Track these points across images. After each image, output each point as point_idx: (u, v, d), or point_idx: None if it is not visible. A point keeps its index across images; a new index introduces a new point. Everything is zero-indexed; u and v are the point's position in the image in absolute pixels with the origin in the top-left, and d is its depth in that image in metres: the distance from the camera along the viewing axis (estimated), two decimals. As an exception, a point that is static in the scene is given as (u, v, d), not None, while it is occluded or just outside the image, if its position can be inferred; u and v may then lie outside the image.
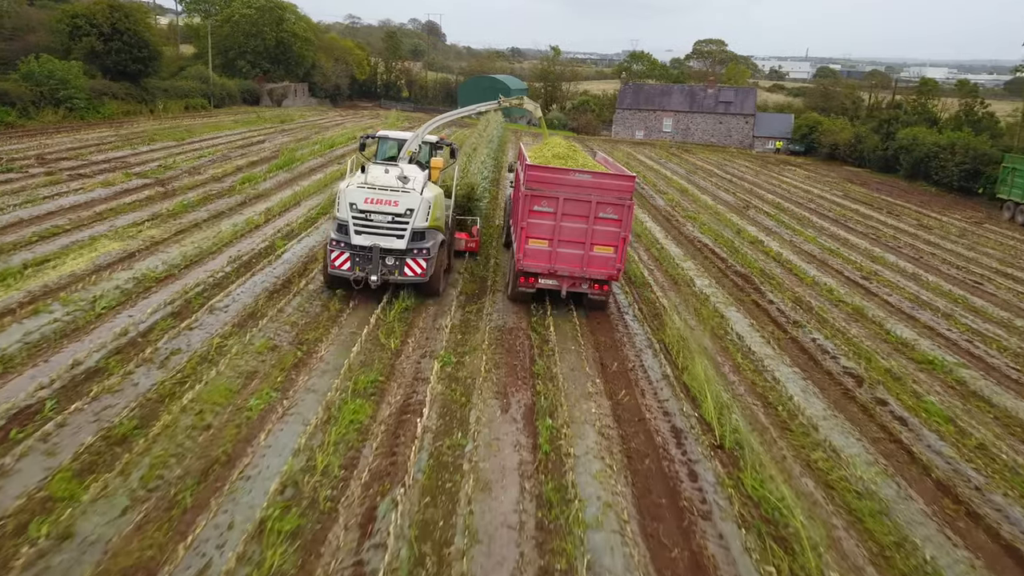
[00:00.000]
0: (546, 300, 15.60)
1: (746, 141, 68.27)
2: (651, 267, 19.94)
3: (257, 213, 21.58)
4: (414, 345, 12.61)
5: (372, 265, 13.98)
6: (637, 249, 21.94)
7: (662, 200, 31.99)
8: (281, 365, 11.28)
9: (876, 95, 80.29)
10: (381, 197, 13.85)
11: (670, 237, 24.25)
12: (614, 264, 14.22)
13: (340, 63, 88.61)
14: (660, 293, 17.35)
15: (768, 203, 34.07)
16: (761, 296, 17.92)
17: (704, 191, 36.16)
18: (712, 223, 27.25)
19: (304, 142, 39.55)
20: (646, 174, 40.75)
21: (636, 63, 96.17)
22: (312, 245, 18.70)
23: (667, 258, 20.95)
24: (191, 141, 36.46)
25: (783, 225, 28.43)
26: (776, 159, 60.04)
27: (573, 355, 12.83)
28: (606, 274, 14.33)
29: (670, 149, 59.25)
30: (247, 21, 72.71)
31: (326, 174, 29.83)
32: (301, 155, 34.07)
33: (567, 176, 13.90)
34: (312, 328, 12.94)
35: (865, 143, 55.25)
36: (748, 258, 21.79)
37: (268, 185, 26.38)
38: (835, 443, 10.44)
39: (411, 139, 15.81)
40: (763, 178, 44.83)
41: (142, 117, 46.36)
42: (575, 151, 17.26)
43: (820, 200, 36.80)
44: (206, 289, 14.44)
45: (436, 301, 15.12)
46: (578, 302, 15.78)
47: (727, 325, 15.41)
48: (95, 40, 48.47)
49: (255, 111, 57.18)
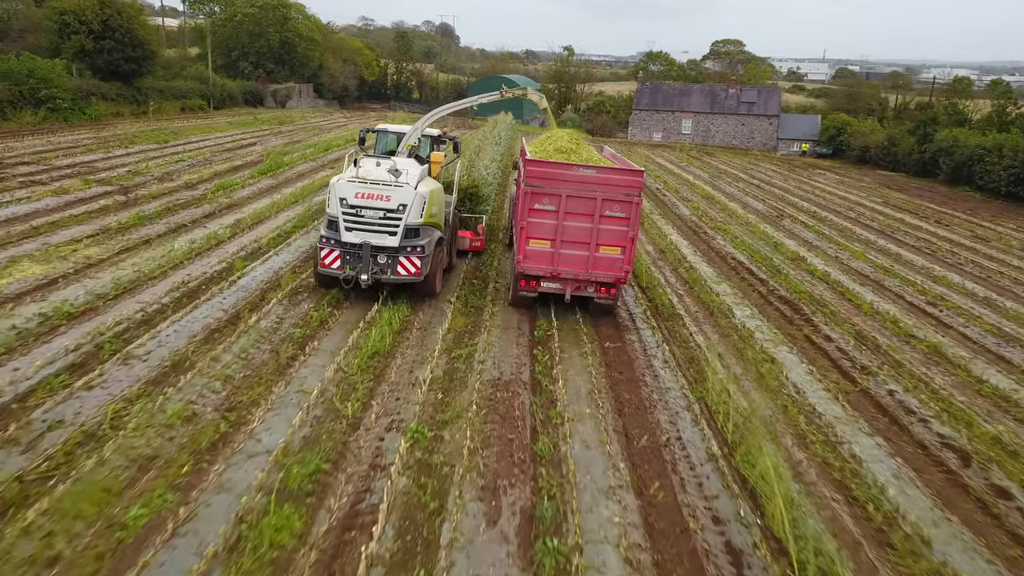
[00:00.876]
0: (553, 345, 12.60)
1: (770, 143, 64.95)
2: (680, 292, 16.88)
3: (224, 226, 18.73)
4: (379, 410, 9.64)
5: (363, 263, 13.09)
6: (663, 269, 18.88)
7: (687, 209, 28.89)
8: (194, 445, 8.35)
9: (904, 96, 76.78)
10: (372, 192, 13.05)
11: (699, 253, 21.17)
12: (622, 266, 13.23)
13: (348, 64, 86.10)
14: (694, 328, 14.29)
15: (803, 212, 30.87)
16: (815, 330, 14.83)
17: (732, 198, 33.01)
18: (745, 236, 24.14)
19: (297, 145, 36.76)
20: (667, 179, 37.65)
21: (653, 63, 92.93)
22: (279, 266, 15.81)
23: (698, 280, 17.88)
24: (174, 144, 33.77)
25: (824, 238, 25.26)
26: (803, 162, 56.70)
27: (588, 423, 9.81)
28: (613, 277, 13.31)
29: (690, 152, 56.06)
30: (250, 20, 70.21)
31: (314, 180, 26.99)
32: (290, 159, 31.26)
33: (570, 171, 12.87)
34: (250, 385, 10.00)
35: (900, 145, 51.82)
36: (791, 279, 18.69)
37: (245, 193, 23.56)
38: (962, 571, 7.36)
39: (410, 132, 15.07)
40: (793, 183, 41.59)
41: (131, 119, 43.78)
42: (579, 144, 15.88)
43: (859, 208, 33.54)
44: (129, 328, 11.54)
45: (416, 343, 12.16)
46: (584, 306, 12.78)
47: (780, 373, 12.34)
48: (85, 38, 46.02)
49: (252, 112, 54.53)
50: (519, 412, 9.91)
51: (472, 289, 15.37)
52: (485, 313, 13.89)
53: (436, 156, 15.54)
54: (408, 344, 12.04)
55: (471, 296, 14.80)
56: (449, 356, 11.66)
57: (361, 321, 12.77)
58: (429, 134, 16.13)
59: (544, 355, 12.00)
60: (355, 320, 12.88)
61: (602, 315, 14.37)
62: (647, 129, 67.13)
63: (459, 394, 10.29)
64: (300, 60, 74.06)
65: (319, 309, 13.15)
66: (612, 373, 11.66)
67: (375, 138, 16.68)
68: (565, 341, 12.80)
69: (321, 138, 40.78)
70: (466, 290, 15.25)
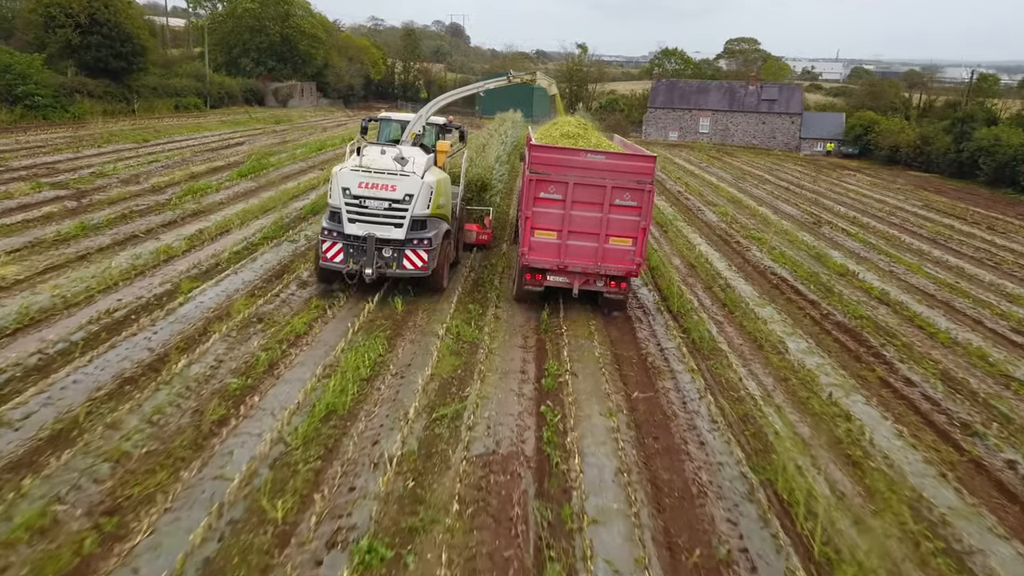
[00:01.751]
0: (566, 397, 9.81)
1: (792, 143, 61.87)
2: (719, 318, 14.05)
3: (181, 237, 16.07)
4: (322, 508, 6.87)
5: (367, 257, 12.36)
6: (695, 288, 16.05)
7: (713, 214, 26.02)
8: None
9: (928, 94, 73.45)
10: (377, 181, 12.32)
11: (735, 268, 18.31)
12: (633, 258, 12.43)
13: (354, 62, 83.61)
14: (741, 368, 11.47)
15: (841, 217, 27.93)
16: (890, 370, 11.97)
17: (761, 201, 30.10)
18: (783, 246, 21.27)
19: (288, 144, 34.09)
20: (688, 181, 34.78)
21: (668, 60, 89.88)
22: (235, 288, 13.12)
23: (738, 303, 15.04)
24: (155, 143, 31.23)
25: (872, 248, 22.34)
26: (829, 163, 53.63)
27: (616, 525, 7.01)
28: (624, 269, 12.53)
29: (710, 152, 53.09)
30: (251, 16, 67.80)
31: (300, 182, 24.32)
32: (277, 160, 28.60)
33: (577, 157, 12.12)
34: (150, 469, 7.27)
35: (934, 145, 48.71)
36: (847, 301, 15.83)
37: (219, 197, 20.91)
38: None
39: (414, 120, 14.27)
40: (823, 185, 38.60)
41: (117, 117, 41.28)
42: (588, 130, 14.89)
43: (900, 212, 30.55)
44: (11, 380, 8.85)
45: (388, 397, 9.38)
46: (605, 340, 9.99)
47: (862, 435, 9.50)
48: (71, 32, 43.64)
49: (248, 111, 52.02)
50: (519, 510, 7.11)
51: (467, 316, 12.61)
52: (480, 351, 11.10)
53: (442, 145, 14.81)
54: (377, 399, 9.27)
55: (463, 326, 12.04)
56: (429, 417, 8.88)
57: (321, 365, 10.03)
58: (434, 122, 15.26)
59: (554, 413, 9.20)
60: (314, 362, 10.16)
61: (626, 347, 11.63)
62: (663, 128, 64.18)
63: (437, 480, 7.50)
64: (302, 57, 71.60)
65: (270, 349, 10.42)
66: (644, 439, 8.86)
67: (378, 127, 15.70)
68: (581, 390, 10.02)
69: (316, 137, 38.11)
70: (459, 317, 12.48)
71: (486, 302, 13.53)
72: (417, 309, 12.83)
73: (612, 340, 12.22)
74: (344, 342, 10.88)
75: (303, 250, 16.19)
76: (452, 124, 16.03)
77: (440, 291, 13.65)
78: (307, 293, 13.24)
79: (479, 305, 13.26)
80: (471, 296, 13.88)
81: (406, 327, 11.93)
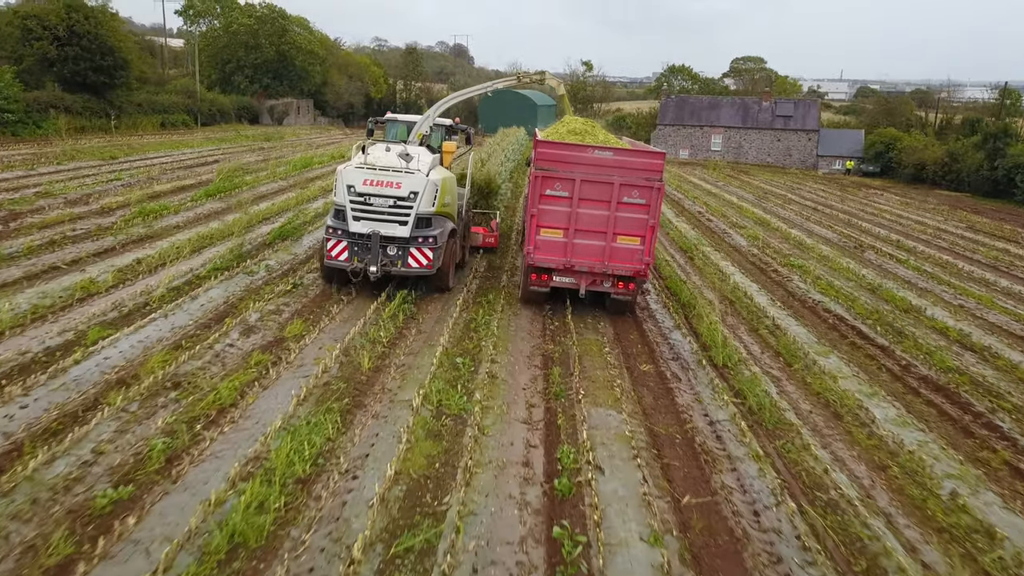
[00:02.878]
0: (585, 508, 6.83)
1: (809, 160, 59.10)
2: (775, 372, 11.10)
3: (112, 269, 13.22)
4: None
5: (372, 255, 12.23)
6: (738, 330, 13.10)
7: (742, 238, 23.11)
8: None
9: (945, 112, 70.72)
10: (382, 179, 12.23)
11: (779, 302, 15.38)
12: (641, 258, 12.15)
13: (355, 80, 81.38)
14: (821, 450, 8.51)
15: (883, 240, 24.99)
16: (1015, 449, 8.99)
17: (790, 223, 27.18)
18: (827, 275, 18.34)
19: (270, 162, 31.32)
20: (707, 200, 31.92)
21: (675, 77, 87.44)
22: (158, 338, 10.22)
23: (794, 351, 12.09)
24: (124, 160, 28.54)
25: (928, 276, 19.38)
26: (850, 181, 50.78)
27: None
28: (632, 269, 12.25)
29: (726, 170, 50.31)
30: (246, 31, 65.58)
31: (274, 203, 21.50)
32: (254, 178, 25.80)
33: (584, 153, 11.87)
34: None
35: (963, 162, 45.82)
36: (923, 346, 12.90)
37: (175, 220, 18.10)
38: None
39: (421, 120, 14.37)
40: (852, 205, 35.71)
41: (96, 134, 38.65)
42: (595, 128, 14.54)
43: (945, 235, 27.59)
44: None
45: (328, 516, 6.43)
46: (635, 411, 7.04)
47: (1018, 564, 6.52)
48: (48, 45, 41.22)
49: (237, 128, 49.45)
50: None
51: (453, 376, 9.68)
52: (468, 431, 8.16)
53: (448, 145, 14.53)
54: (312, 517, 6.32)
55: (447, 391, 9.10)
56: (386, 551, 5.93)
57: (243, 457, 7.10)
58: (441, 123, 15.18)
59: (574, 541, 6.24)
60: (235, 453, 7.24)
61: (664, 418, 8.71)
62: (673, 146, 61.48)
63: None
64: (299, 74, 69.20)
65: (175, 433, 7.50)
66: None
67: (384, 128, 15.65)
68: (610, 495, 7.07)
69: (302, 155, 35.31)
70: (442, 377, 9.56)
71: (479, 355, 10.60)
72: (388, 366, 9.93)
73: (645, 408, 9.28)
74: (282, 418, 7.95)
75: (260, 284, 13.34)
76: (458, 126, 15.81)
77: (445, 291, 13.54)
78: (250, 343, 10.35)
79: (469, 359, 10.34)
80: (460, 345, 10.97)
81: (371, 392, 9.01)
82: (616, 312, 13.21)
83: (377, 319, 11.77)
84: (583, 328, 12.41)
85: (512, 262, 16.92)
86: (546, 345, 11.43)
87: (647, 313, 13.84)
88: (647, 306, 14.34)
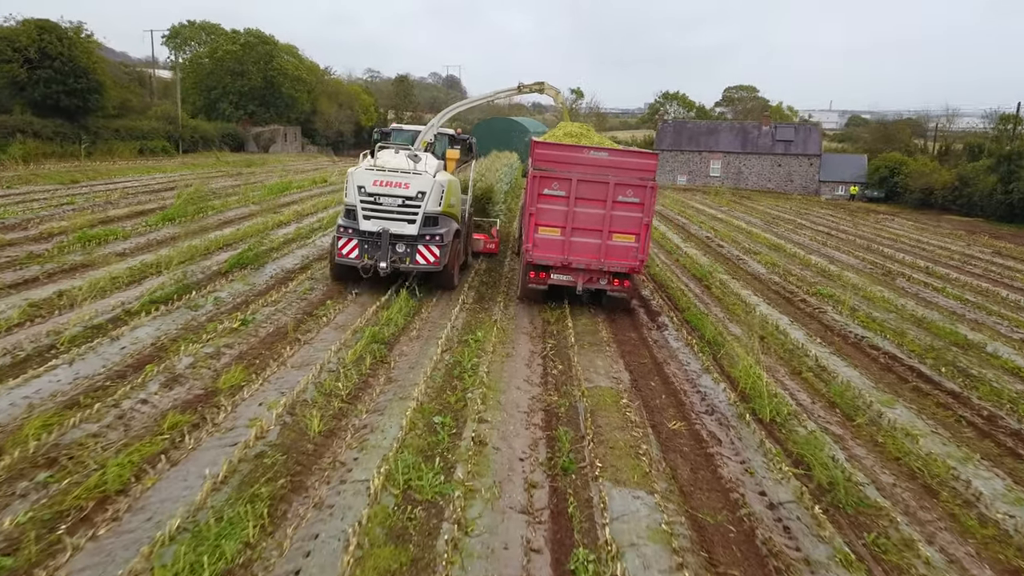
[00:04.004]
0: None
1: (811, 186, 57.37)
2: (835, 429, 8.85)
3: (24, 303, 10.95)
4: None
5: (382, 251, 12.61)
6: (779, 374, 10.86)
7: (759, 264, 20.98)
8: None
9: (945, 140, 69.39)
10: (391, 179, 12.66)
11: (817, 337, 13.18)
12: (636, 255, 12.45)
13: (344, 109, 79.83)
14: (927, 547, 6.25)
15: (909, 267, 22.90)
16: None
17: (808, 249, 25.09)
18: (863, 306, 16.17)
19: (244, 187, 29.13)
20: (715, 226, 29.87)
21: (670, 103, 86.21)
22: (54, 390, 7.94)
23: (848, 397, 9.86)
24: (85, 184, 26.40)
25: (974, 306, 17.23)
26: (857, 207, 48.94)
27: None
28: (627, 266, 12.53)
29: (727, 196, 48.43)
30: (231, 58, 63.89)
31: (239, 229, 19.25)
32: (222, 203, 23.60)
33: (580, 154, 12.21)
34: None
35: (975, 186, 44.05)
36: (1001, 391, 10.70)
37: (122, 246, 15.87)
38: None
39: (426, 129, 14.71)
40: (865, 230, 33.72)
41: (58, 160, 36.25)
42: (589, 131, 15.06)
43: (975, 261, 25.53)
44: None
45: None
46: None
47: None
48: (18, 67, 39.24)
49: (217, 154, 47.41)
50: None
51: (428, 442, 7.41)
52: (444, 530, 5.86)
53: (451, 153, 15.16)
54: None
55: (418, 468, 6.82)
56: None
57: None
58: (444, 132, 15.67)
59: None
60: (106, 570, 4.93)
61: (709, 501, 6.45)
62: (671, 172, 59.76)
63: None
64: (286, 101, 67.46)
65: (17, 548, 5.20)
66: None
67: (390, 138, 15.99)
68: None
69: (278, 179, 33.13)
70: (414, 444, 7.28)
71: (463, 412, 8.33)
72: (344, 428, 7.66)
73: (682, 485, 7.02)
74: (185, 512, 5.66)
75: (203, 320, 11.09)
76: (460, 135, 16.24)
77: (451, 289, 14.03)
78: (169, 399, 8.07)
79: (450, 418, 8.06)
80: (439, 398, 8.70)
81: (316, 468, 6.74)
82: (613, 308, 13.49)
83: (338, 363, 9.52)
84: (592, 372, 10.17)
85: (505, 291, 14.74)
86: (548, 395, 9.18)
87: (667, 352, 11.62)
88: (666, 343, 12.12)
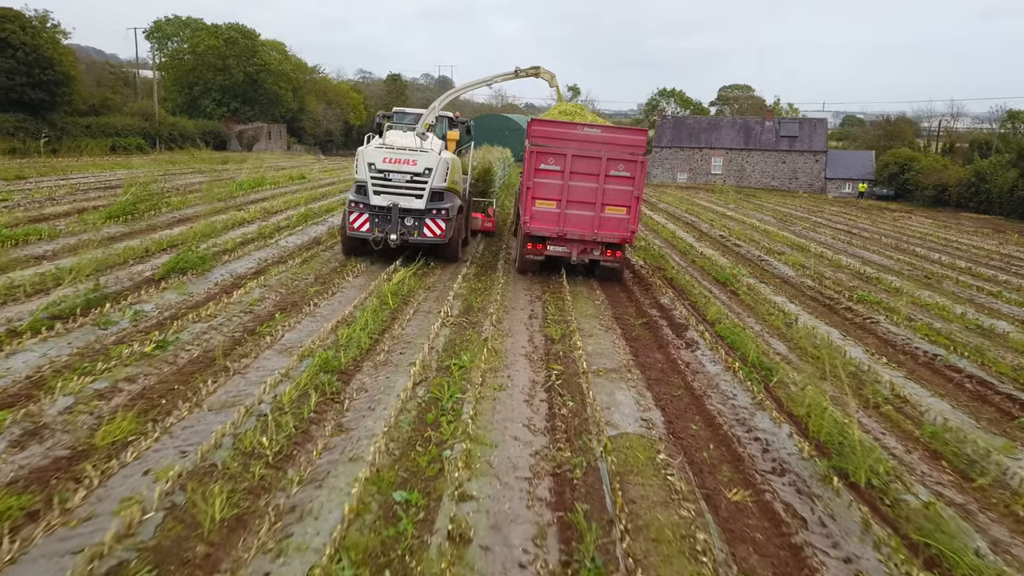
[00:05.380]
0: None
1: (817, 184, 55.12)
2: (945, 488, 6.45)
3: None
4: None
5: (391, 224, 13.46)
6: (845, 405, 8.42)
7: (786, 266, 18.57)
8: None
9: (949, 136, 67.27)
10: (400, 157, 13.45)
11: (879, 355, 10.76)
12: (627, 226, 13.16)
13: (333, 107, 77.29)
14: None
15: (949, 267, 20.55)
16: None
17: (834, 249, 22.72)
18: (919, 315, 13.80)
19: (214, 182, 26.55)
20: (727, 224, 27.50)
21: (667, 100, 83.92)
22: None
23: (954, 444, 7.45)
24: (32, 180, 23.80)
25: (1041, 314, 14.87)
26: (867, 205, 46.68)
27: None
28: (619, 237, 13.22)
29: (732, 194, 46.09)
30: (213, 54, 61.25)
31: (194, 227, 16.66)
32: (181, 199, 21.04)
33: (574, 130, 12.99)
34: None
35: (993, 183, 41.83)
36: None
37: (45, 248, 13.38)
38: None
39: (427, 112, 15.48)
40: (886, 228, 31.43)
41: (11, 156, 33.50)
42: (583, 111, 16.07)
43: (1018, 261, 23.22)
44: None
45: None
46: None
47: None
48: (-24, 58, 36.69)
49: (191, 151, 44.78)
50: None
51: (380, 544, 4.93)
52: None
53: (451, 134, 16.04)
54: None
55: (374, 533, 4.37)
56: None
57: None
58: (444, 115, 16.29)
59: None
60: None
61: None
62: (670, 169, 57.43)
63: None
64: (270, 98, 64.88)
65: None
66: None
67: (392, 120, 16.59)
68: None
69: (255, 175, 30.61)
70: (359, 544, 4.82)
71: (437, 486, 5.85)
72: (261, 512, 5.18)
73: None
74: None
75: (109, 342, 8.60)
76: (459, 119, 16.96)
77: (455, 261, 14.73)
78: (12, 467, 5.57)
79: (419, 495, 5.59)
80: (405, 459, 6.22)
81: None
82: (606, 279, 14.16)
83: (272, 404, 7.04)
84: (613, 411, 7.72)
85: (500, 305, 12.30)
86: (557, 450, 6.71)
87: (704, 379, 9.16)
88: (701, 367, 9.66)
